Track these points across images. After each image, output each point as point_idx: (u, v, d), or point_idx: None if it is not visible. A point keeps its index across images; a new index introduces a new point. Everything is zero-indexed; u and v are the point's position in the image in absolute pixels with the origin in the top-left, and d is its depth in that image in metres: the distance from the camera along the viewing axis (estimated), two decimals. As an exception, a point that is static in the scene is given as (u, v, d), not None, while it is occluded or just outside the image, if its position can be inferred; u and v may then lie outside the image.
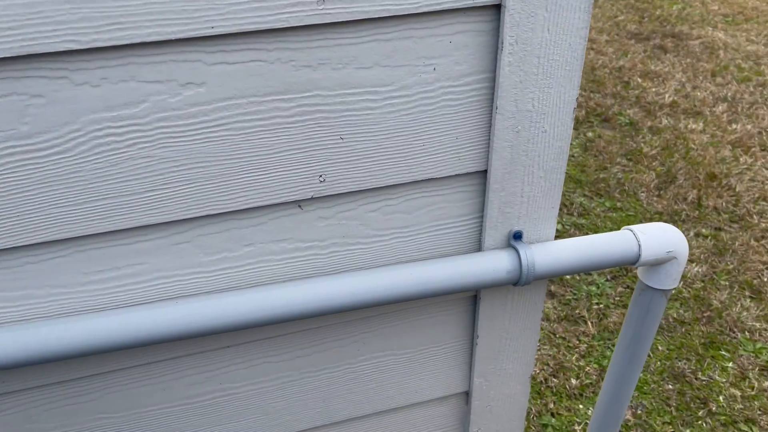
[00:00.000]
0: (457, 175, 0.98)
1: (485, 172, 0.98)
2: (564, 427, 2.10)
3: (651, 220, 3.10)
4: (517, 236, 1.04)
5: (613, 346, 2.40)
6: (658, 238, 1.05)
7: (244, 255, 0.95)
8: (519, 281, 1.02)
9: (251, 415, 1.13)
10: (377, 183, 0.94)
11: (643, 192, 3.32)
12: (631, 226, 1.07)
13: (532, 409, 2.16)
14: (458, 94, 0.89)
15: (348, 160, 0.90)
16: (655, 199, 3.26)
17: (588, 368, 2.32)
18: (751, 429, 2.09)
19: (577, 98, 0.92)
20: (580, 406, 2.17)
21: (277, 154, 0.86)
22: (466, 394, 1.29)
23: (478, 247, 1.07)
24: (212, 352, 1.04)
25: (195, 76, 0.78)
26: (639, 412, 2.16)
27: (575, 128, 3.95)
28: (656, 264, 1.08)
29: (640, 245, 1.05)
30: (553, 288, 2.70)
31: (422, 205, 0.99)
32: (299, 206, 0.93)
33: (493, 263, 1.00)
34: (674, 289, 1.12)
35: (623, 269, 2.80)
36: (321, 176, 0.90)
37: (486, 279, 1.00)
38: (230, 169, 0.86)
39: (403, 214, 0.99)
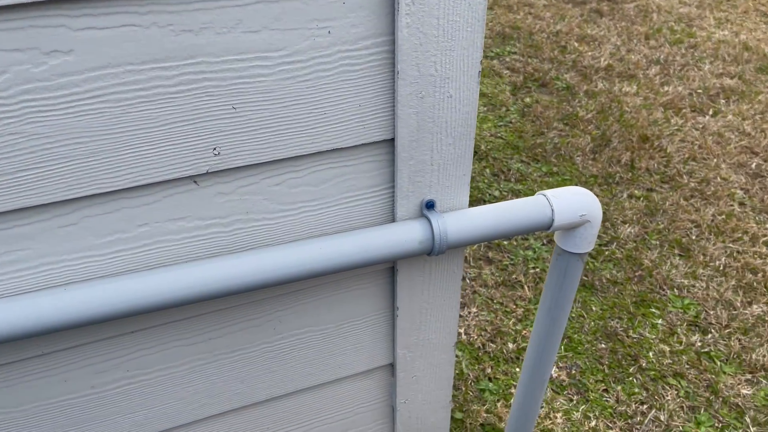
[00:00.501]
0: (363, 145, 0.94)
1: (393, 140, 0.95)
2: (501, 391, 2.13)
3: (586, 183, 3.15)
4: (430, 205, 1.02)
5: (549, 308, 2.44)
6: (571, 202, 1.05)
7: (139, 236, 0.89)
8: (432, 251, 1.00)
9: (165, 401, 1.09)
10: (278, 155, 0.89)
11: (578, 156, 3.36)
12: (545, 191, 1.06)
13: (469, 375, 2.18)
14: (357, 59, 0.85)
15: (243, 132, 0.85)
16: (590, 162, 3.31)
17: (525, 332, 2.35)
18: (679, 382, 2.17)
19: (481, 61, 0.89)
20: (517, 370, 2.20)
21: (164, 127, 0.80)
22: (391, 366, 1.27)
23: (392, 218, 1.04)
24: (115, 339, 0.99)
25: (60, 43, 0.71)
26: (573, 372, 2.21)
27: (513, 94, 3.96)
28: (570, 228, 1.08)
29: (553, 210, 1.04)
30: (490, 254, 2.72)
31: (330, 176, 0.95)
32: (195, 182, 0.87)
33: (405, 234, 0.97)
34: (591, 251, 1.11)
35: (559, 233, 2.84)
36: (215, 149, 0.85)
37: (398, 250, 0.98)
38: (113, 144, 0.80)
39: (310, 186, 0.95)
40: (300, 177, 0.94)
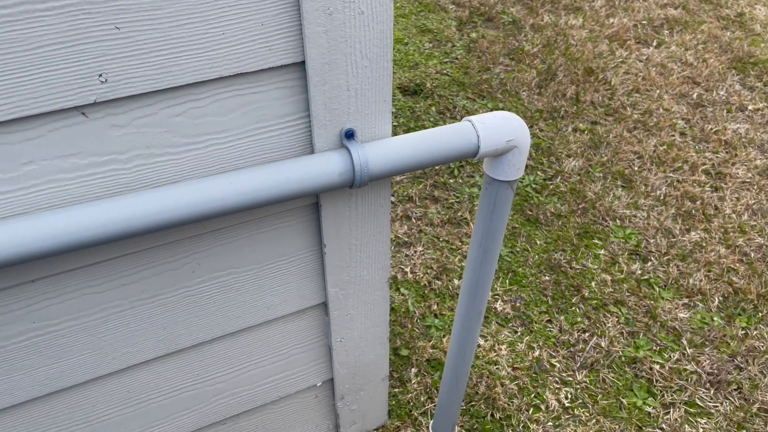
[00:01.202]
0: (271, 69, 0.87)
1: (303, 63, 0.88)
2: (446, 326, 2.14)
3: (532, 118, 3.12)
4: (349, 135, 0.96)
5: (494, 244, 2.44)
6: (498, 128, 1.00)
7: (26, 175, 0.81)
8: (354, 183, 0.95)
9: (79, 353, 1.03)
10: (175, 81, 0.81)
11: (524, 91, 3.32)
12: (471, 117, 1.02)
13: (415, 313, 2.18)
14: (254, -29, 0.77)
15: (131, 55, 0.77)
16: (536, 97, 3.28)
17: (470, 268, 2.35)
18: (620, 310, 2.22)
19: (393, -28, 0.82)
20: (463, 305, 2.21)
21: (36, 51, 0.72)
22: (324, 306, 1.24)
23: (311, 150, 0.98)
24: (15, 289, 0.92)
25: None
26: (518, 304, 2.23)
27: (459, 29, 3.86)
28: (498, 155, 1.04)
29: (479, 136, 0.99)
30: (436, 193, 2.69)
31: (237, 105, 0.88)
32: (83, 113, 0.79)
33: (323, 166, 0.92)
34: (519, 179, 1.08)
35: (504, 168, 2.82)
36: (101, 76, 0.77)
37: (317, 183, 0.92)
38: (-23, 71, 0.71)
39: (216, 117, 0.88)
40: (203, 107, 0.86)
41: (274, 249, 1.09)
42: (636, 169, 2.83)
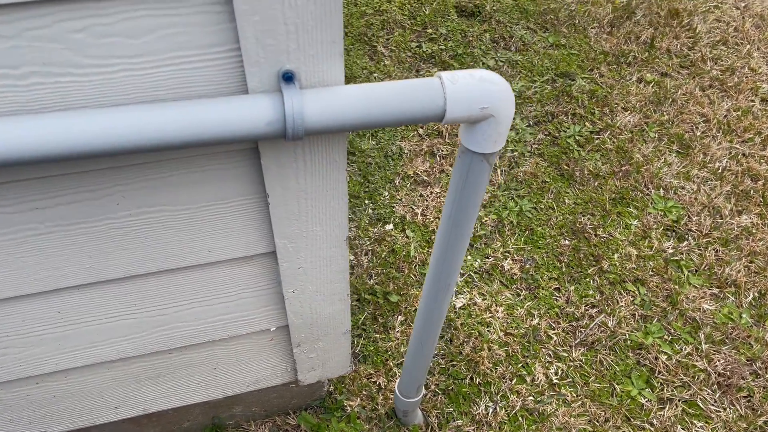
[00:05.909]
0: (187, -12, 0.72)
1: (228, -15, 0.72)
2: (446, 277, 2.02)
3: (594, 60, 2.81)
4: (288, 78, 0.81)
5: (518, 197, 2.27)
6: (470, 91, 0.83)
7: None
8: (286, 135, 0.81)
9: (-5, 271, 0.98)
10: (64, -8, 0.68)
11: (593, 28, 2.99)
12: (443, 73, 0.84)
13: (416, 258, 2.06)
14: None
15: (1, -45, 0.64)
16: (605, 36, 2.95)
17: (486, 219, 2.19)
18: (638, 289, 2.03)
19: None
20: (469, 257, 2.08)
21: None
22: (274, 255, 1.14)
23: (245, 91, 0.84)
24: None
25: None
26: (527, 266, 2.07)
27: (536, -53, 3.47)
28: (471, 122, 0.87)
29: (446, 97, 0.83)
30: (469, 130, 2.49)
31: (151, 27, 0.75)
32: (-45, 19, 0.68)
33: (247, 111, 0.78)
34: (498, 152, 0.92)
35: (546, 112, 2.58)
36: (-34, -23, 0.64)
37: (239, 130, 0.79)
38: None
39: (127, 38, 0.75)
40: (109, 24, 0.73)
41: (209, 191, 0.98)
42: (698, 134, 2.53)
